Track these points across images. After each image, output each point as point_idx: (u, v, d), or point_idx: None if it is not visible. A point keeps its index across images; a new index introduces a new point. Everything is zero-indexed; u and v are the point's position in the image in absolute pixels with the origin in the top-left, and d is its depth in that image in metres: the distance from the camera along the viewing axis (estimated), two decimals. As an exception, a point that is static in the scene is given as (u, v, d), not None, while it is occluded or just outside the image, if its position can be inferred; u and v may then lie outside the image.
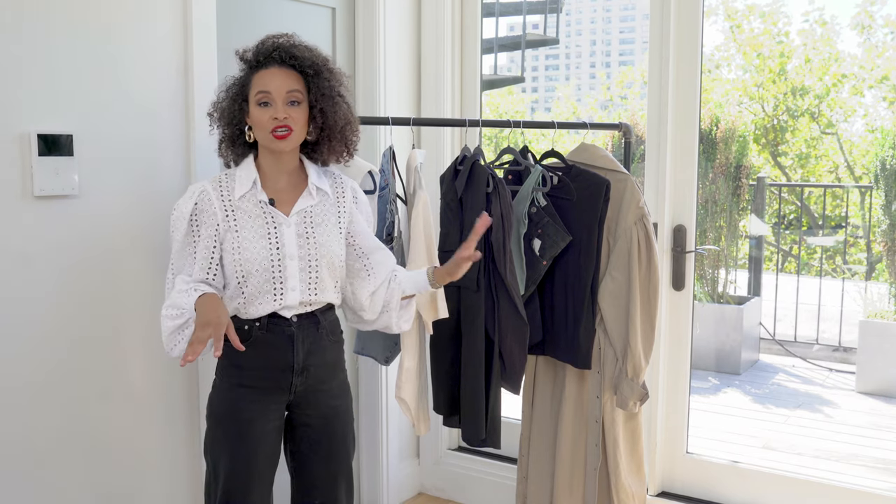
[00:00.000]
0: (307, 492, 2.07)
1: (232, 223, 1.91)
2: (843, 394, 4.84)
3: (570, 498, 2.58)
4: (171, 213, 1.95)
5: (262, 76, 1.92)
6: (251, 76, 1.94)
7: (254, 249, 1.90)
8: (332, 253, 1.98)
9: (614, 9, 17.46)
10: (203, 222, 1.91)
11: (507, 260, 2.32)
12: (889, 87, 6.24)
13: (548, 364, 2.63)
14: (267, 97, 1.90)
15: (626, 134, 2.70)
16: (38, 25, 2.03)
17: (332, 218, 2.01)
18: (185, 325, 1.85)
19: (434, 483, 3.41)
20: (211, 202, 1.92)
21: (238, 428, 1.94)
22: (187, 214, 1.91)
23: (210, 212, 1.91)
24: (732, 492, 2.92)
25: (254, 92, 1.92)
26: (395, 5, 3.07)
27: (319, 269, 1.96)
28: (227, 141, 2.01)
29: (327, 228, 1.99)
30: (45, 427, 2.11)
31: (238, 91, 1.96)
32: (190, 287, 1.86)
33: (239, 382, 1.95)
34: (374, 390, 3.14)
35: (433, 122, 2.94)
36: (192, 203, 1.92)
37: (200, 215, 1.91)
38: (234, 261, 1.90)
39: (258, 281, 1.90)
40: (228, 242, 1.91)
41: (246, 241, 1.90)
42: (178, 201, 1.96)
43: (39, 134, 2.03)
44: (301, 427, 2.04)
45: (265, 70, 1.93)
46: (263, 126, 1.91)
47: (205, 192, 1.93)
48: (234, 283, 1.91)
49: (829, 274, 5.82)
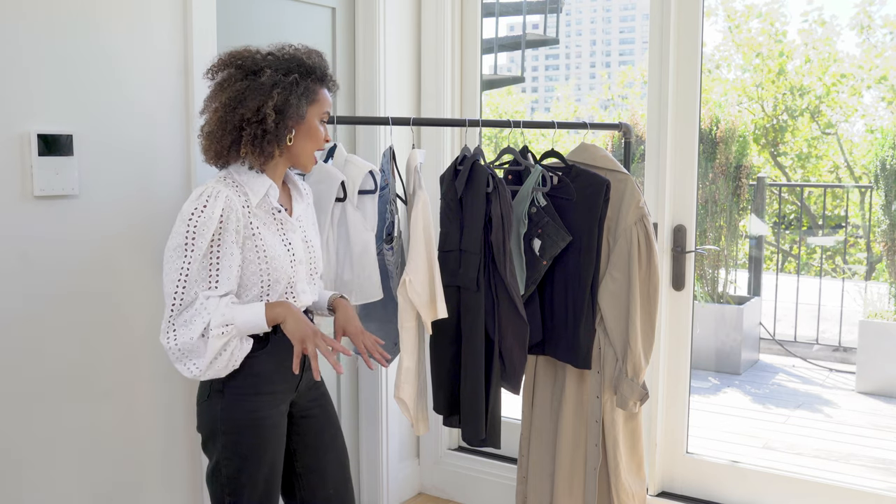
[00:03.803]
0: (319, 486, 2.07)
1: (256, 231, 1.86)
2: (842, 394, 4.84)
3: (570, 498, 2.58)
4: (189, 218, 1.78)
5: (325, 95, 1.95)
6: (317, 88, 1.93)
7: (279, 257, 1.89)
8: (321, 255, 2.07)
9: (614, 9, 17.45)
10: (227, 230, 1.81)
11: (507, 260, 2.32)
12: (888, 87, 6.23)
13: (548, 364, 2.63)
14: (327, 118, 1.97)
15: (626, 134, 2.70)
16: (38, 25, 2.03)
17: (312, 220, 2.09)
18: (228, 344, 1.81)
19: (434, 483, 3.41)
20: (236, 209, 1.83)
21: (263, 436, 1.91)
22: (215, 221, 1.78)
23: (235, 218, 1.82)
24: (732, 492, 2.92)
25: (322, 107, 1.94)
26: (395, 5, 3.07)
27: (318, 270, 2.04)
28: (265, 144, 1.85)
29: (314, 231, 2.06)
30: (45, 427, 2.11)
31: (305, 97, 1.89)
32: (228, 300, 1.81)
33: (256, 391, 1.90)
34: (373, 390, 3.14)
35: (433, 122, 2.94)
36: (220, 209, 1.79)
37: (227, 223, 1.81)
38: (261, 269, 1.86)
39: (282, 287, 1.91)
40: (251, 251, 1.85)
41: (271, 249, 1.88)
42: (190, 204, 1.80)
43: (39, 134, 2.03)
44: (302, 419, 2.05)
45: (326, 90, 1.97)
46: (319, 143, 1.95)
47: (229, 197, 1.82)
48: (256, 290, 1.88)
49: (829, 274, 5.82)
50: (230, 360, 1.82)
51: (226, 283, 1.82)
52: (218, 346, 1.78)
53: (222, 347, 1.79)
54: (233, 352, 1.82)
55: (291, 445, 2.06)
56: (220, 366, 1.81)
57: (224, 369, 1.83)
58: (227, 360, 1.82)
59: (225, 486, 1.91)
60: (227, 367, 1.83)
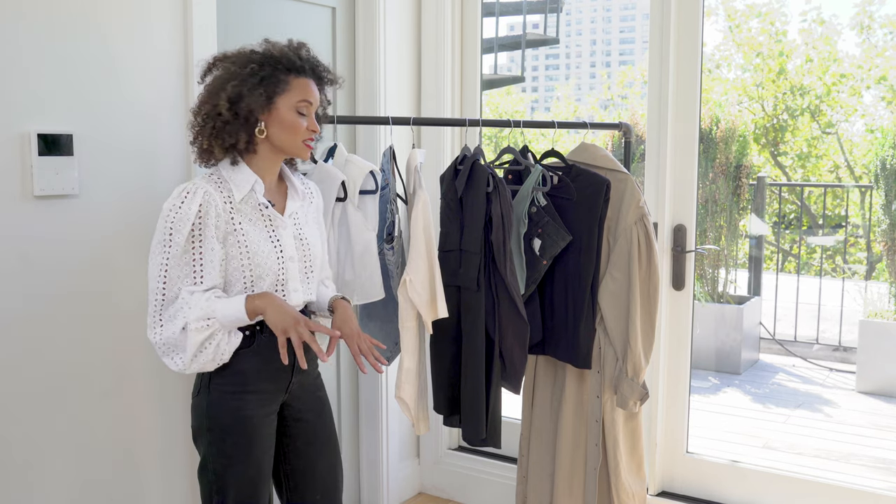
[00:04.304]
0: (308, 488, 2.07)
1: (238, 226, 1.87)
2: (843, 393, 4.84)
3: (570, 498, 2.58)
4: (168, 214, 1.81)
5: (303, 84, 1.92)
6: (287, 78, 1.91)
7: (262, 253, 1.89)
8: (320, 253, 2.04)
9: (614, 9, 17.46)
10: (207, 225, 1.83)
11: (507, 259, 2.32)
12: (887, 87, 6.23)
13: (548, 364, 2.63)
14: (308, 108, 1.92)
15: (626, 134, 2.70)
16: (38, 25, 2.03)
17: (311, 218, 2.07)
18: (212, 338, 1.81)
19: (434, 483, 3.41)
20: (216, 204, 1.84)
21: (248, 436, 1.91)
22: (192, 216, 1.81)
23: (215, 213, 1.84)
24: (732, 492, 2.92)
25: (294, 97, 1.90)
26: (395, 5, 3.07)
27: (313, 269, 2.01)
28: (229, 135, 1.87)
29: (311, 229, 2.04)
30: (45, 426, 2.11)
31: (264, 87, 1.88)
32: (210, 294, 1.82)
33: (243, 389, 1.91)
34: (374, 390, 3.14)
35: (433, 122, 2.94)
36: (197, 205, 1.81)
37: (205, 218, 1.82)
38: (244, 265, 1.87)
39: (267, 284, 1.90)
40: (233, 246, 1.86)
41: (254, 244, 1.88)
42: (170, 201, 1.82)
43: (39, 134, 2.03)
44: (294, 423, 2.04)
45: (306, 79, 1.93)
46: (298, 133, 1.91)
47: (208, 193, 1.84)
48: (240, 286, 1.88)
49: (829, 274, 5.82)
50: (216, 353, 1.83)
51: (210, 278, 1.84)
52: (199, 339, 1.79)
53: (205, 341, 1.80)
54: (219, 345, 1.83)
55: (282, 447, 2.06)
56: (206, 359, 1.82)
57: (212, 363, 1.84)
58: (213, 353, 1.82)
59: (213, 483, 1.92)
60: (215, 360, 1.84)
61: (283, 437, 2.05)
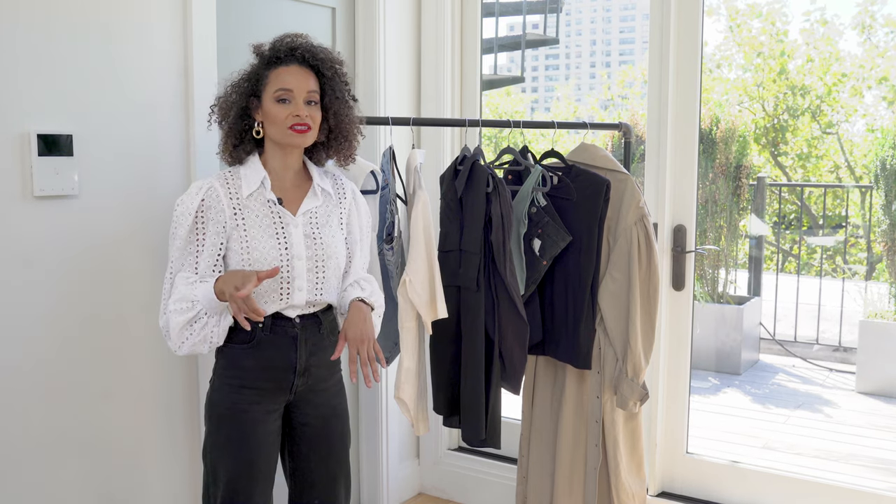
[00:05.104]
0: (306, 492, 2.07)
1: (240, 221, 1.91)
2: (842, 394, 4.84)
3: (570, 498, 2.58)
4: (175, 209, 1.91)
5: (281, 73, 1.93)
6: (267, 72, 1.94)
7: (263, 249, 1.90)
8: (338, 254, 2.00)
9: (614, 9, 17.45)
10: (210, 219, 1.89)
11: (507, 260, 2.32)
12: (889, 87, 6.23)
13: (548, 364, 2.63)
14: (287, 94, 1.92)
15: (626, 134, 2.70)
16: (37, 25, 2.03)
17: (334, 219, 2.03)
18: (196, 319, 1.84)
19: (434, 483, 3.41)
20: (219, 199, 1.90)
21: (241, 430, 1.93)
22: (193, 210, 1.88)
23: (218, 208, 1.90)
24: (732, 492, 2.92)
25: (272, 88, 1.92)
26: (395, 5, 3.07)
27: (326, 269, 1.97)
28: (232, 137, 1.97)
29: (331, 229, 2.01)
30: (45, 426, 2.11)
31: (249, 86, 1.95)
32: (195, 279, 1.87)
33: (241, 384, 1.94)
34: (374, 390, 3.14)
35: (433, 122, 2.94)
36: (199, 199, 1.89)
37: (207, 212, 1.89)
38: (243, 260, 1.89)
39: (270, 280, 1.90)
40: (236, 241, 1.90)
41: (255, 240, 1.90)
42: (180, 197, 1.92)
43: (39, 134, 2.03)
44: (300, 427, 2.04)
45: (285, 67, 1.94)
46: (281, 122, 1.91)
47: (212, 188, 1.91)
48: None
49: (829, 274, 5.82)
50: (204, 334, 1.87)
51: (205, 268, 1.89)
52: (180, 320, 1.84)
53: (189, 322, 1.84)
54: (205, 326, 1.86)
55: (286, 448, 2.07)
56: (196, 340, 1.87)
57: (202, 344, 1.88)
58: (200, 334, 1.87)
59: (209, 473, 1.98)
60: (205, 342, 1.88)
61: (287, 439, 2.05)
